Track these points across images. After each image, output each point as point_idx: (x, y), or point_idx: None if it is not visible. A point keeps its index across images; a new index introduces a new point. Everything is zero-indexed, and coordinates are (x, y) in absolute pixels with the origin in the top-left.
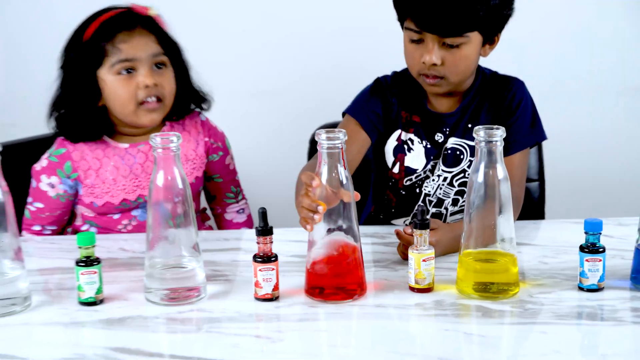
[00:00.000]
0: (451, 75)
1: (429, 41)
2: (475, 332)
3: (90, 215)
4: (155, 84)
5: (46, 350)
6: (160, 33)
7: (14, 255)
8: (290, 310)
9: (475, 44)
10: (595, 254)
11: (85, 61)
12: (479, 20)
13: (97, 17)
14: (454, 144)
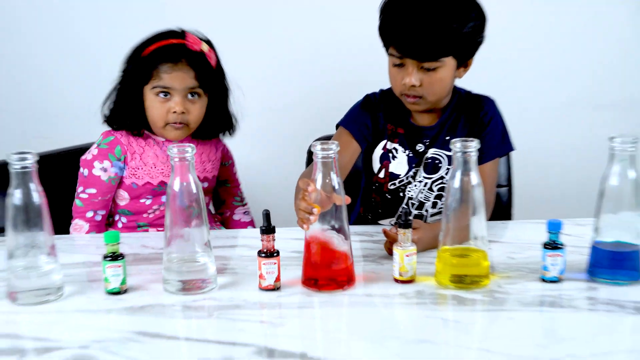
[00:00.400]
0: (428, 95)
1: (409, 65)
2: (451, 318)
3: (122, 204)
4: (183, 111)
5: (76, 334)
6: (202, 68)
7: (48, 251)
8: (290, 299)
9: (450, 67)
10: (556, 250)
11: (136, 76)
12: (453, 47)
13: (156, 40)
14: (433, 153)
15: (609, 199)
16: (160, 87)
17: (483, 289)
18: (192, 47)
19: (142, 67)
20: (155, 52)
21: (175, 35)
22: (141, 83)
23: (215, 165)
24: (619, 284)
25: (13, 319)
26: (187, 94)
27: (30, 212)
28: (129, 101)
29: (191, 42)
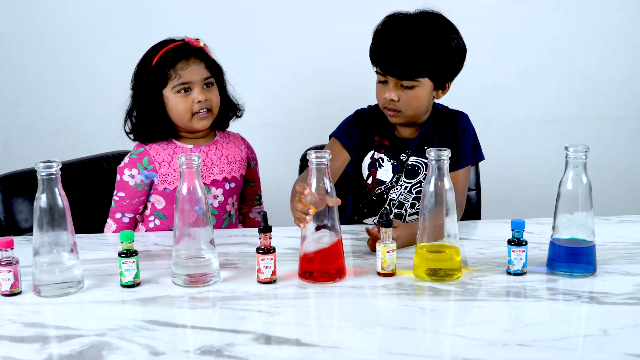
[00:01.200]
0: (405, 109)
1: (390, 82)
2: (428, 307)
3: (158, 207)
4: (205, 99)
5: (95, 322)
6: (208, 60)
7: (70, 248)
8: (285, 291)
9: (426, 87)
10: (520, 246)
11: (153, 82)
12: (428, 70)
13: (161, 48)
14: (413, 161)
15: (565, 201)
16: (181, 84)
17: (456, 281)
18: (194, 44)
19: (156, 73)
20: (164, 56)
21: (175, 40)
22: (159, 88)
23: (241, 165)
24: (576, 276)
25: (38, 310)
26: (204, 84)
27: (55, 214)
28: (151, 111)
29: (190, 40)
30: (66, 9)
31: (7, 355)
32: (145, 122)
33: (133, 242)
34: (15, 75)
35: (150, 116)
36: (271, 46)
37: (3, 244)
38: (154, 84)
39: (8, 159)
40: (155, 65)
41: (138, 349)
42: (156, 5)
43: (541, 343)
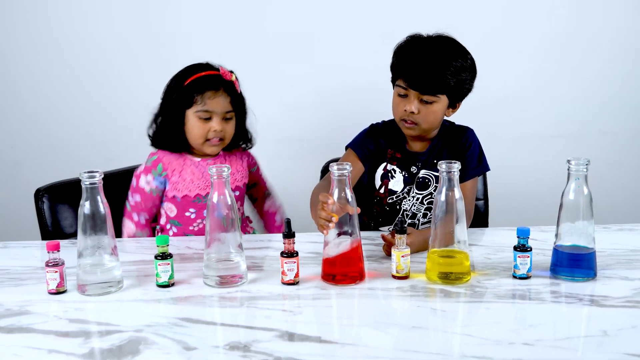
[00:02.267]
0: (423, 123)
1: (412, 96)
2: (439, 307)
3: (172, 216)
4: (221, 130)
5: (132, 319)
6: (235, 94)
7: (111, 251)
8: (307, 292)
9: (443, 104)
10: (525, 252)
11: (180, 101)
12: (449, 87)
13: (197, 71)
14: (424, 174)
15: (567, 210)
16: (204, 111)
17: (465, 284)
18: (226, 77)
19: (185, 94)
20: (197, 81)
21: (211, 68)
22: (184, 107)
23: (243, 174)
24: (577, 280)
25: (81, 307)
26: (224, 117)
27: (97, 220)
28: (173, 124)
29: (225, 73)
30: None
31: (53, 349)
32: (165, 131)
33: (168, 246)
34: (62, 92)
35: (171, 129)
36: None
37: (50, 247)
38: (180, 102)
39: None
40: (186, 86)
41: (172, 344)
42: (186, 27)
43: (545, 343)
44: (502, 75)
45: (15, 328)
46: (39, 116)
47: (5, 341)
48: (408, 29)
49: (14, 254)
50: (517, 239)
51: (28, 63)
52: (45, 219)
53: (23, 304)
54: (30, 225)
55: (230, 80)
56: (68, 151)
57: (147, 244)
